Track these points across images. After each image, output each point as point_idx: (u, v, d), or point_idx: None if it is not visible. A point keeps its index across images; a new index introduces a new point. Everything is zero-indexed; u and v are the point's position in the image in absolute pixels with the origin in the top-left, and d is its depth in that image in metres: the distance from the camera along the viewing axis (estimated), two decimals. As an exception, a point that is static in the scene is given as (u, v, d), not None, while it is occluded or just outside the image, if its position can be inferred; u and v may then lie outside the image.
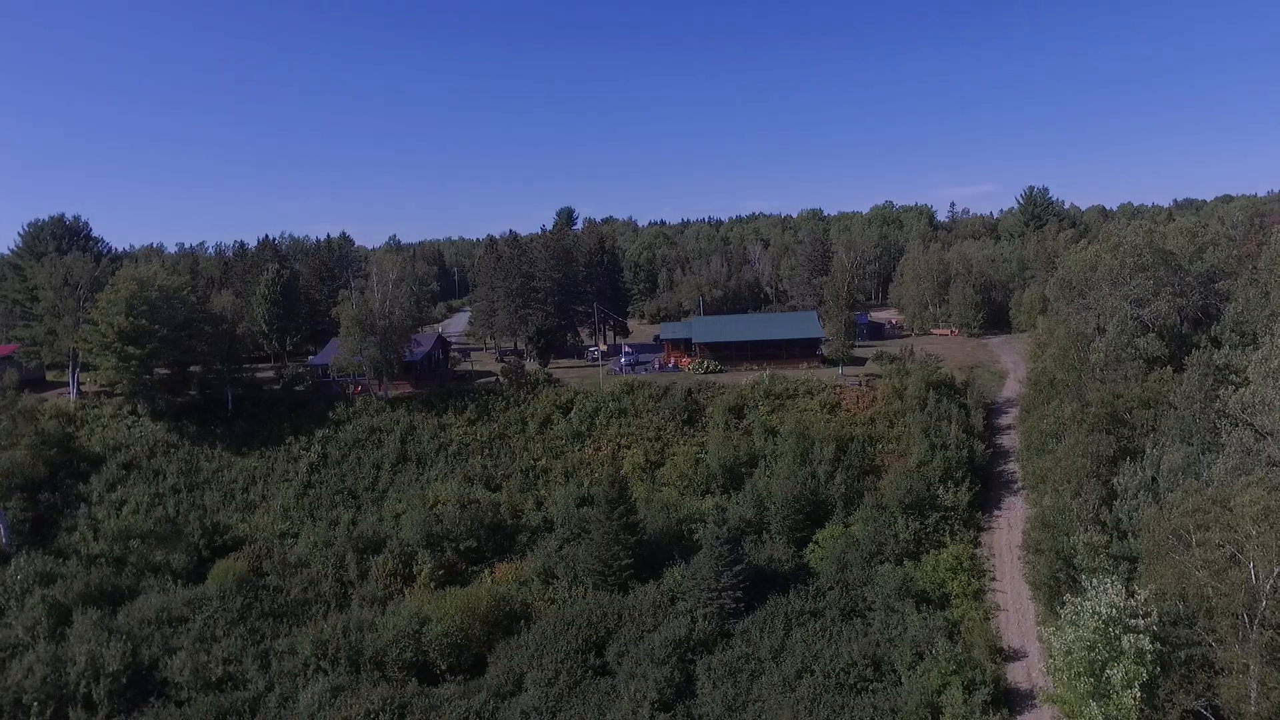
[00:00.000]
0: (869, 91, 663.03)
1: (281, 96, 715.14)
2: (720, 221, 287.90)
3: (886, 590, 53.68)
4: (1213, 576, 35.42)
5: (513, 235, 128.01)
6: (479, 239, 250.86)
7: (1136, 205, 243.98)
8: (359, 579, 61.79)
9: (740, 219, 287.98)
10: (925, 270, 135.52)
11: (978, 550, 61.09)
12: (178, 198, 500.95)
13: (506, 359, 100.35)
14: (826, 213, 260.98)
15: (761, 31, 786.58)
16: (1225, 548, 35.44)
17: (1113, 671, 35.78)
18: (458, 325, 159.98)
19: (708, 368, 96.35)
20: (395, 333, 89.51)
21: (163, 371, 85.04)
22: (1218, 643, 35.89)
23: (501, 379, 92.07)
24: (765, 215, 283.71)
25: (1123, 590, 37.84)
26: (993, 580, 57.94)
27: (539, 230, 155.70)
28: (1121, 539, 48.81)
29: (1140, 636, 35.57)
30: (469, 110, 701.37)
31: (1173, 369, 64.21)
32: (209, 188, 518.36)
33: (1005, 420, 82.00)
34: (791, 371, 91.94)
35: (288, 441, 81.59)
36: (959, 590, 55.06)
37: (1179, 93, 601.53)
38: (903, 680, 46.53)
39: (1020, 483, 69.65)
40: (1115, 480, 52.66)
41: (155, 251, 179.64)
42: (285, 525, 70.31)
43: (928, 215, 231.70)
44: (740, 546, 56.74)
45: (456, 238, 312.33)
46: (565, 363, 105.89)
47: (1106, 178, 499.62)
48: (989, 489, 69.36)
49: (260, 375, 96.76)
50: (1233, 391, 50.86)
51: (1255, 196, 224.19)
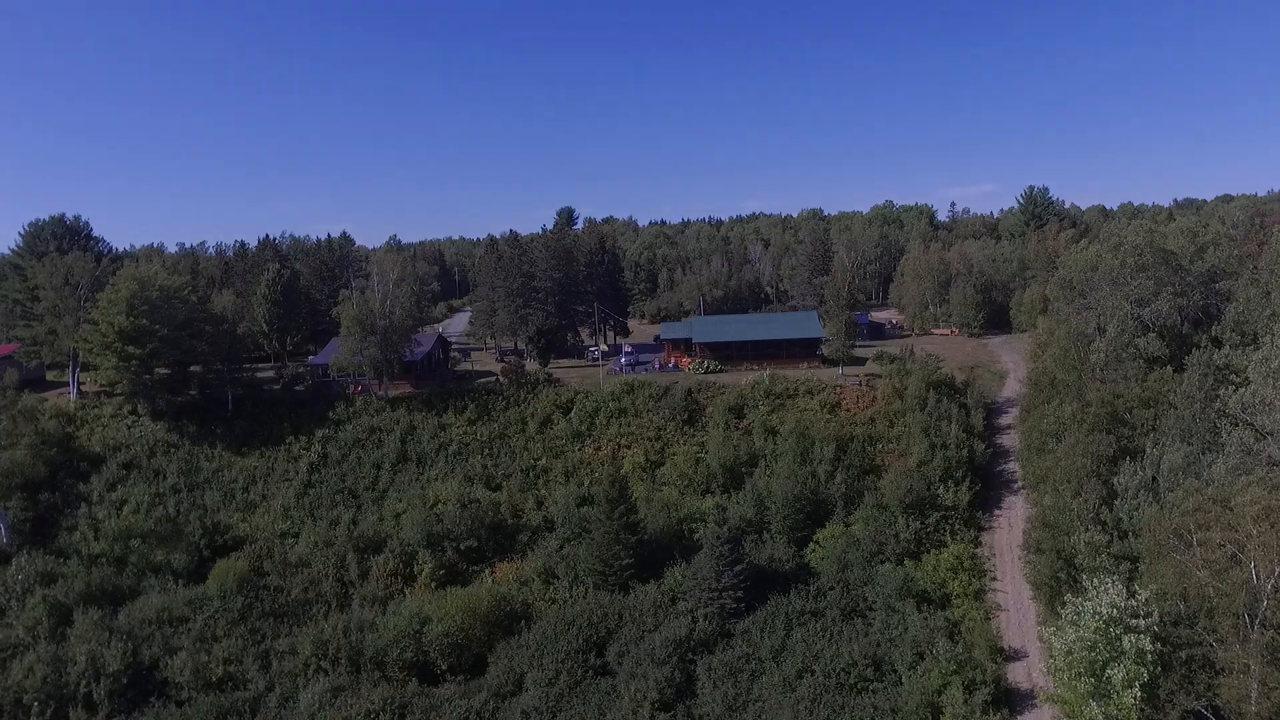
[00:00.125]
0: (869, 92, 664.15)
1: (282, 98, 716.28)
2: (721, 221, 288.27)
3: (887, 590, 53.68)
4: (1213, 576, 35.41)
5: (513, 235, 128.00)
6: (479, 239, 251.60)
7: (1137, 205, 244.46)
8: (359, 579, 61.80)
9: (741, 219, 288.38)
10: (926, 270, 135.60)
11: (978, 550, 61.07)
12: (178, 198, 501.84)
13: (507, 359, 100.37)
14: (827, 212, 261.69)
15: (762, 32, 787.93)
16: (1226, 547, 35.44)
17: (1113, 671, 35.82)
18: (458, 325, 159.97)
19: (708, 367, 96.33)
20: (395, 333, 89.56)
21: (163, 371, 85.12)
22: (1218, 643, 35.88)
23: (502, 379, 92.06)
24: (766, 215, 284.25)
25: (1123, 590, 37.90)
26: (993, 580, 57.90)
27: (539, 230, 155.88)
28: (1122, 539, 48.86)
29: (1141, 636, 35.64)
30: (469, 111, 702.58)
31: (1173, 369, 64.22)
32: (209, 188, 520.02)
33: (1005, 420, 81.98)
34: (792, 371, 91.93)
35: (288, 441, 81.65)
36: (959, 590, 55.05)
37: (1179, 93, 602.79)
38: (903, 680, 46.54)
39: (1021, 482, 69.62)
40: (1116, 480, 52.68)
41: (156, 251, 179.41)
42: (286, 525, 70.33)
43: (928, 215, 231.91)
44: (741, 546, 56.68)
45: (457, 238, 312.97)
46: (565, 363, 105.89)
47: (1107, 178, 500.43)
48: (989, 489, 69.34)
49: (260, 375, 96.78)
50: (1233, 391, 50.93)
51: (1256, 196, 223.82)
